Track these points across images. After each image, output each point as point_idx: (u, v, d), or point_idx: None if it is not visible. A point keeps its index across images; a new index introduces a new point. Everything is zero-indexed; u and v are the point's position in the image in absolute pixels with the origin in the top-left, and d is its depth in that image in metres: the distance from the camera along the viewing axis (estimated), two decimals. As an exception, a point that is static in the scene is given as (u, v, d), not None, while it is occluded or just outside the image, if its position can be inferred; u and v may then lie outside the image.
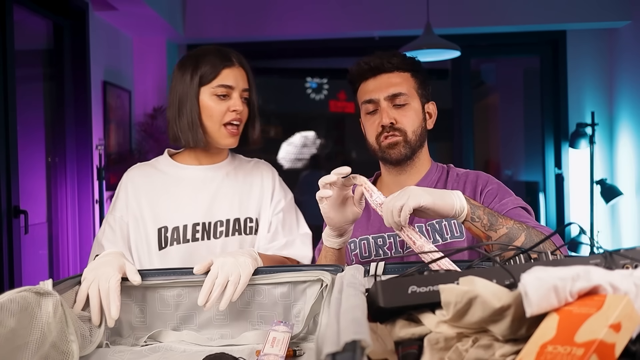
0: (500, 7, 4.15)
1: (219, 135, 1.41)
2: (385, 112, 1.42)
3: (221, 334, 1.13)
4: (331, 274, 1.09)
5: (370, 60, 1.45)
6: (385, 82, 1.44)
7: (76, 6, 3.35)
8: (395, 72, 1.45)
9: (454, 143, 4.63)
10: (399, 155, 1.44)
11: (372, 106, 1.45)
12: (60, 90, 3.39)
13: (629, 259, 0.84)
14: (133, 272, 1.11)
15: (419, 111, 1.47)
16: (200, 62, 1.40)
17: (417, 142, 1.45)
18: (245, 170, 1.52)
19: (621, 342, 0.62)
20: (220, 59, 1.41)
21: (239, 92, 1.41)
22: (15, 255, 2.73)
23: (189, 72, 1.40)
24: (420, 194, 1.11)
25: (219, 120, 1.40)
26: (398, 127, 1.43)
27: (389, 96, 1.43)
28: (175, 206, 1.42)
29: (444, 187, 1.46)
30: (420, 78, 1.48)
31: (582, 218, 4.28)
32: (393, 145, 1.43)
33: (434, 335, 0.77)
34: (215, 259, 1.11)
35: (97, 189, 3.47)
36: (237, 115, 1.40)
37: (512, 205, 1.36)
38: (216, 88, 1.39)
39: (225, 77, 1.40)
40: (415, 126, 1.44)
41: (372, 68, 1.45)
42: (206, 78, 1.39)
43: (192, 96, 1.39)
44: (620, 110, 4.23)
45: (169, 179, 1.46)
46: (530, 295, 0.67)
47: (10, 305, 0.85)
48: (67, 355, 0.95)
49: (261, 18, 4.22)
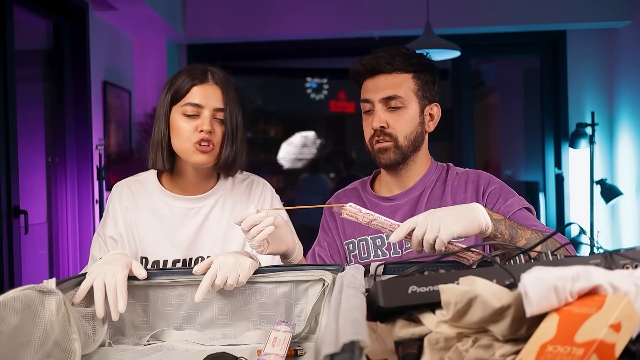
0: (500, 7, 4.15)
1: (189, 153, 1.34)
2: (377, 115, 1.39)
3: (223, 333, 1.14)
4: (332, 274, 1.09)
5: (367, 62, 1.41)
6: (382, 83, 1.40)
7: (76, 6, 3.35)
8: (395, 73, 1.40)
9: (454, 143, 4.63)
10: (389, 161, 1.41)
11: (368, 105, 1.42)
12: (60, 90, 3.39)
13: (629, 259, 0.85)
14: (139, 267, 1.12)
15: (416, 115, 1.42)
16: (174, 80, 1.36)
17: (410, 147, 1.42)
18: (236, 196, 1.46)
19: (621, 342, 0.62)
20: (192, 76, 1.34)
21: (210, 111, 1.34)
22: (15, 255, 2.73)
23: (165, 90, 1.37)
24: (451, 224, 1.08)
25: (187, 139, 1.33)
26: (389, 132, 1.40)
27: (383, 98, 1.39)
28: (157, 239, 1.39)
29: (444, 187, 1.45)
30: (424, 79, 1.43)
31: (582, 218, 4.28)
32: (383, 151, 1.41)
33: (434, 335, 0.77)
34: (215, 258, 1.11)
35: (97, 189, 3.47)
36: (205, 135, 1.32)
37: (518, 206, 1.36)
38: (185, 107, 1.33)
39: (194, 95, 1.33)
40: (408, 131, 1.40)
41: (369, 69, 1.41)
42: (176, 96, 1.35)
43: (163, 115, 1.36)
44: (620, 110, 4.23)
45: (155, 206, 1.41)
46: (530, 295, 0.67)
47: (14, 303, 0.85)
48: (69, 353, 0.95)
49: (261, 18, 4.22)
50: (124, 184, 1.46)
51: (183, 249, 1.40)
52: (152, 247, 1.39)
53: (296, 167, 6.18)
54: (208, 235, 1.41)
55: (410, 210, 1.43)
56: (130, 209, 1.42)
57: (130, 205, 1.42)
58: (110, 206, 1.43)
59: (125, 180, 1.48)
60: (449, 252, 1.08)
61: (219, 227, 1.42)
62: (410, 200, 1.45)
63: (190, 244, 1.40)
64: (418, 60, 1.42)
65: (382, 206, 1.46)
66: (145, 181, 1.45)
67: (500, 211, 1.34)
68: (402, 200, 1.46)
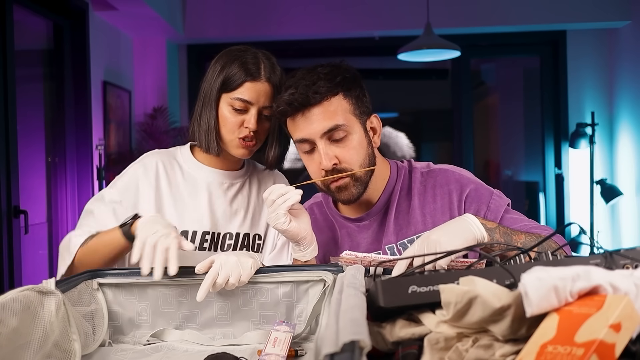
0: (500, 7, 4.15)
1: (231, 145, 1.36)
2: (324, 154, 1.25)
3: (223, 333, 1.14)
4: (333, 274, 1.09)
5: (293, 99, 1.23)
6: (317, 117, 1.24)
7: (76, 6, 3.35)
8: (325, 101, 1.24)
9: (454, 143, 4.63)
10: (351, 197, 1.30)
11: (307, 146, 1.28)
12: (60, 90, 3.39)
13: (629, 259, 0.84)
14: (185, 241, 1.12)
15: (362, 137, 1.29)
16: (227, 65, 1.34)
17: (369, 174, 1.31)
18: (260, 181, 1.48)
19: (621, 342, 0.62)
20: (245, 70, 1.32)
21: (257, 109, 1.32)
22: (15, 255, 2.73)
23: (217, 70, 1.35)
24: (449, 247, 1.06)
25: (232, 131, 1.34)
26: (343, 167, 1.27)
27: (324, 132, 1.24)
28: (189, 210, 1.38)
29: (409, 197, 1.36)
30: (354, 94, 1.28)
31: (582, 218, 4.28)
32: (343, 189, 1.29)
33: (434, 335, 0.77)
34: (217, 257, 1.11)
35: (97, 189, 3.47)
36: (250, 133, 1.32)
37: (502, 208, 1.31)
38: (234, 100, 1.32)
39: (246, 91, 1.32)
40: (361, 158, 1.28)
41: (297, 106, 1.24)
42: (227, 86, 1.33)
43: (213, 101, 1.34)
44: (620, 110, 4.23)
45: (188, 177, 1.41)
46: (531, 296, 0.67)
47: (13, 304, 0.85)
48: (69, 354, 0.95)
49: (261, 18, 4.23)
50: (155, 154, 1.43)
51: (214, 222, 1.39)
52: (182, 218, 1.37)
53: (296, 167, 6.19)
54: (238, 213, 1.42)
55: (380, 229, 1.37)
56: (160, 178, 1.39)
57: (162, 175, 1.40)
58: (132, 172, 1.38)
59: (155, 151, 1.45)
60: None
61: (248, 207, 1.43)
62: (377, 218, 1.38)
63: (220, 218, 1.40)
64: (342, 76, 1.26)
65: (350, 227, 1.40)
66: (176, 153, 1.45)
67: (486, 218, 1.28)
68: (368, 220, 1.38)
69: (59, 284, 0.98)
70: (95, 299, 1.10)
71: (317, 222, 1.43)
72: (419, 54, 3.61)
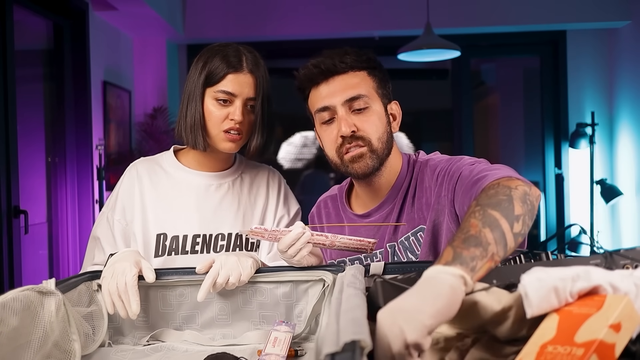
0: (500, 7, 4.15)
1: (218, 140, 1.35)
2: (343, 120, 1.25)
3: (223, 333, 1.14)
4: (332, 274, 1.09)
5: (320, 62, 1.27)
6: (340, 84, 1.27)
7: (76, 6, 3.35)
8: (350, 72, 1.28)
9: (454, 143, 4.63)
10: (366, 169, 1.27)
11: (327, 114, 1.28)
12: (60, 90, 3.39)
13: (629, 259, 0.84)
14: (149, 269, 1.11)
15: (382, 114, 1.29)
16: (209, 60, 1.35)
17: (385, 150, 1.28)
18: (251, 179, 1.47)
19: (621, 342, 0.62)
20: (227, 63, 1.33)
21: (242, 100, 1.33)
22: (15, 255, 2.73)
23: (199, 67, 1.36)
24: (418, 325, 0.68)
25: (217, 125, 1.34)
26: (360, 135, 1.25)
27: (346, 100, 1.25)
28: (177, 214, 1.38)
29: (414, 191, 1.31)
30: (378, 76, 1.31)
31: (582, 218, 4.28)
32: (357, 158, 1.26)
33: (434, 335, 0.77)
34: (217, 257, 1.11)
35: (97, 189, 3.47)
36: (236, 125, 1.33)
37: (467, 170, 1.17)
38: (217, 93, 1.33)
39: (229, 83, 1.32)
40: (380, 132, 1.27)
41: (324, 70, 1.27)
42: (210, 80, 1.34)
43: (198, 96, 1.34)
44: (620, 110, 4.23)
45: (173, 182, 1.41)
46: (531, 296, 0.67)
47: (13, 304, 0.85)
48: (69, 354, 0.95)
49: (261, 18, 4.22)
50: (140, 163, 1.44)
51: (204, 224, 1.38)
52: (171, 223, 1.37)
53: (296, 167, 6.18)
54: (229, 212, 1.41)
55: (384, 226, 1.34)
56: (147, 186, 1.40)
57: (147, 183, 1.40)
58: (122, 188, 1.41)
59: (138, 160, 1.46)
60: None
61: (238, 206, 1.42)
62: (382, 216, 1.35)
63: (210, 219, 1.39)
64: (368, 57, 1.31)
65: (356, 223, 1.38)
66: (161, 160, 1.45)
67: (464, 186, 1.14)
68: (373, 217, 1.36)
69: (59, 285, 0.99)
70: (95, 300, 1.10)
71: (329, 216, 1.44)
72: (419, 54, 3.61)
